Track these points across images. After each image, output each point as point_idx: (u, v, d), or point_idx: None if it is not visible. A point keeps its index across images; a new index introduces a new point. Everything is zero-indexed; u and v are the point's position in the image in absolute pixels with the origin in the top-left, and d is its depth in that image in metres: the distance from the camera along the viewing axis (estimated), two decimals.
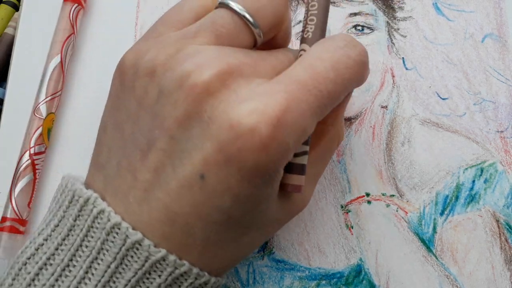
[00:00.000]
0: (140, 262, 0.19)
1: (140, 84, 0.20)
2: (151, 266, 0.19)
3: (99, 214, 0.20)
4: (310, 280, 0.28)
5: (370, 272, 0.28)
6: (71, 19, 0.32)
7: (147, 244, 0.19)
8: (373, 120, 0.31)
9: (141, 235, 0.19)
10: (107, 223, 0.19)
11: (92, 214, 0.20)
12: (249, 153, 0.18)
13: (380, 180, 0.30)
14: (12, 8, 0.36)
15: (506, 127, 0.31)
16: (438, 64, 0.32)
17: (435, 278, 0.28)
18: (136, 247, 0.19)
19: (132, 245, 0.19)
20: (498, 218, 0.29)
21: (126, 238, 0.19)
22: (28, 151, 0.29)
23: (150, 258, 0.19)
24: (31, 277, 0.20)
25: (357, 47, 0.21)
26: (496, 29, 0.33)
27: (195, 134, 0.19)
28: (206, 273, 0.20)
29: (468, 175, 0.30)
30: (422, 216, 0.29)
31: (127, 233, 0.19)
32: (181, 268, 0.19)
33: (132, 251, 0.19)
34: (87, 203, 0.20)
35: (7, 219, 0.28)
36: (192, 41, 0.20)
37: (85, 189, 0.21)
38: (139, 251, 0.19)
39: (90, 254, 0.19)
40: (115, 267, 0.19)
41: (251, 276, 0.28)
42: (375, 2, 0.33)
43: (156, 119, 0.19)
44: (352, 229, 0.29)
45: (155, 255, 0.19)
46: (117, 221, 0.19)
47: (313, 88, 0.20)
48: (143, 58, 0.20)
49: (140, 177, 0.20)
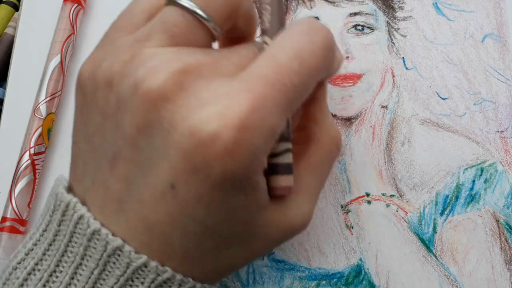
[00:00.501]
0: (122, 268, 0.19)
1: (101, 95, 0.19)
2: (133, 273, 0.19)
3: (80, 219, 0.19)
4: (310, 280, 0.28)
5: (370, 272, 0.28)
6: (71, 19, 0.32)
7: (127, 250, 0.18)
8: (373, 120, 0.31)
9: (121, 241, 0.19)
10: (87, 229, 0.19)
11: (73, 219, 0.19)
12: (214, 161, 0.17)
13: (380, 180, 0.30)
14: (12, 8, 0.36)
15: (506, 127, 0.31)
16: (438, 64, 0.32)
17: (435, 278, 0.28)
18: (118, 254, 0.19)
19: (113, 251, 0.19)
20: (498, 218, 0.29)
21: (107, 244, 0.19)
22: (28, 151, 0.29)
23: (131, 264, 0.19)
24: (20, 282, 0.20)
25: (320, 30, 0.20)
26: (496, 29, 0.33)
27: (158, 142, 0.18)
28: (191, 279, 0.20)
29: (468, 175, 0.30)
30: (422, 216, 0.29)
31: (107, 239, 0.19)
32: (163, 274, 0.19)
33: (114, 257, 0.19)
34: (68, 208, 0.20)
35: (7, 219, 0.28)
36: (146, 44, 0.19)
37: (66, 193, 0.20)
38: (120, 257, 0.19)
39: (74, 260, 0.19)
40: (98, 274, 0.19)
41: (251, 276, 0.28)
42: (375, 2, 0.33)
43: (118, 129, 0.19)
44: (352, 229, 0.29)
45: (136, 261, 0.18)
46: (96, 227, 0.19)
47: (277, 82, 0.18)
48: (100, 67, 0.19)
49: (112, 188, 0.19)
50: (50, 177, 0.30)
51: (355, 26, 0.33)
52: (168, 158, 0.18)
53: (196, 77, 0.18)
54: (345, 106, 0.31)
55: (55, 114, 0.31)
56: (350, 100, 0.31)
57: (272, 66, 0.18)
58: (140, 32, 0.20)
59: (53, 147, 0.31)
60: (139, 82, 0.18)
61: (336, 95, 0.31)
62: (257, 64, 0.19)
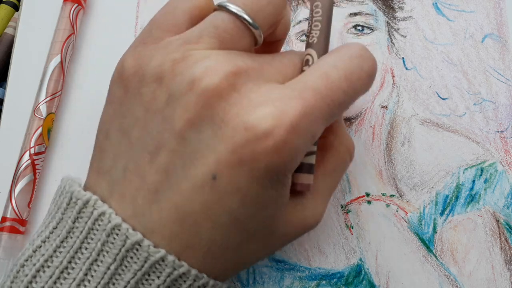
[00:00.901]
0: (139, 263, 0.19)
1: (148, 90, 0.20)
2: (150, 267, 0.19)
3: (100, 216, 0.20)
4: (310, 280, 0.28)
5: (370, 272, 0.28)
6: (71, 19, 0.32)
7: (146, 244, 0.19)
8: (373, 120, 0.31)
9: (141, 236, 0.19)
10: (108, 224, 0.19)
11: (92, 216, 0.20)
12: (263, 156, 0.19)
13: (380, 180, 0.30)
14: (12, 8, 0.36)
15: (506, 127, 0.31)
16: (438, 64, 0.32)
17: (435, 278, 0.28)
18: (136, 248, 0.19)
19: (132, 246, 0.19)
20: (498, 218, 0.29)
21: (126, 239, 0.19)
22: (28, 151, 0.29)
23: (149, 258, 0.19)
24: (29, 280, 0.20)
25: (370, 59, 0.22)
26: (496, 29, 0.33)
27: (207, 136, 0.19)
28: (205, 275, 0.20)
29: (468, 175, 0.30)
30: (422, 216, 0.29)
31: (127, 234, 0.19)
32: (179, 269, 0.19)
33: (132, 252, 0.19)
34: (87, 206, 0.20)
35: (7, 219, 0.28)
36: (197, 47, 0.20)
37: (83, 191, 0.21)
38: (138, 251, 0.19)
39: (90, 256, 0.19)
40: (115, 269, 0.19)
41: (251, 276, 0.28)
42: (375, 2, 0.33)
43: (165, 122, 0.20)
44: (352, 229, 0.29)
45: (154, 255, 0.19)
46: (117, 222, 0.19)
47: (327, 97, 0.20)
48: (148, 64, 0.20)
49: (149, 179, 0.20)
50: (50, 177, 0.30)
51: (355, 26, 0.33)
52: (214, 150, 0.19)
53: (245, 79, 0.20)
54: None
55: (55, 114, 0.31)
56: None
57: (325, 82, 0.20)
58: (189, 34, 0.21)
59: (53, 147, 0.31)
60: (195, 80, 0.19)
61: None
62: (311, 76, 0.21)
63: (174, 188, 0.19)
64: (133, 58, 0.21)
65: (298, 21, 0.33)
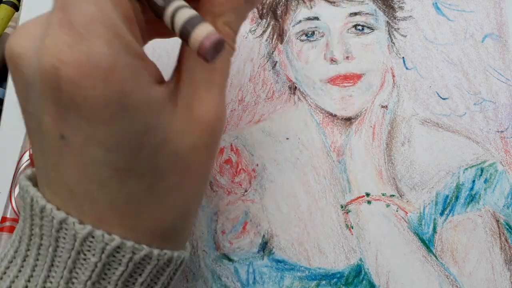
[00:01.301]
0: (70, 242, 0.18)
1: None
2: (81, 245, 0.18)
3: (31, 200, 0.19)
4: (310, 280, 0.28)
5: (370, 272, 0.28)
6: None
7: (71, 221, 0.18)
8: (373, 120, 0.31)
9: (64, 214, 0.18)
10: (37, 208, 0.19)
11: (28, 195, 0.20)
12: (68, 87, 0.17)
13: (380, 180, 0.30)
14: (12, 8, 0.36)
15: (506, 127, 0.31)
16: (438, 64, 0.32)
17: (435, 278, 0.28)
18: (64, 227, 0.18)
19: (59, 226, 0.18)
20: (498, 218, 0.29)
21: (53, 219, 0.19)
22: (28, 151, 0.29)
23: (77, 236, 0.18)
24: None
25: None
26: (496, 29, 0.33)
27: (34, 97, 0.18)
28: (145, 246, 0.19)
29: (468, 175, 0.30)
30: (422, 216, 0.29)
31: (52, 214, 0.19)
32: (111, 243, 0.18)
33: (62, 232, 0.19)
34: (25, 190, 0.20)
35: (7, 219, 0.28)
36: None
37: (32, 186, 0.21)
38: (68, 231, 0.18)
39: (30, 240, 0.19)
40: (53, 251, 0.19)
41: (251, 276, 0.28)
42: (375, 1, 0.33)
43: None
44: (352, 229, 0.29)
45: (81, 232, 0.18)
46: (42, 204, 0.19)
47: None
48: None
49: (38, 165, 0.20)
50: None
51: (355, 26, 0.33)
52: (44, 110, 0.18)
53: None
54: (345, 106, 0.31)
55: None
56: (350, 100, 0.31)
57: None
58: None
59: None
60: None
61: (336, 95, 0.31)
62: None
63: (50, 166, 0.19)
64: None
65: (298, 21, 0.33)
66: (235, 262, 0.28)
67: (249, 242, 0.29)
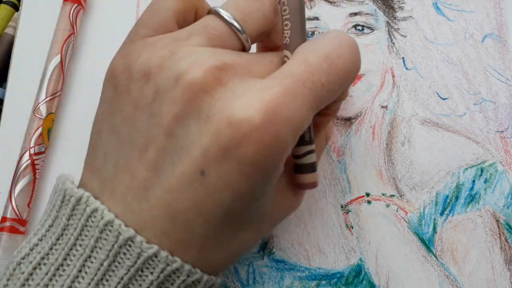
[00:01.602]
0: (132, 259, 0.19)
1: (135, 87, 0.20)
2: (143, 263, 0.19)
3: (93, 213, 0.20)
4: (310, 280, 0.28)
5: (370, 272, 0.28)
6: (71, 19, 0.32)
7: (139, 240, 0.19)
8: (373, 120, 0.31)
9: (133, 232, 0.19)
10: (100, 221, 0.19)
11: (85, 213, 0.20)
12: (247, 147, 0.18)
13: (380, 180, 0.30)
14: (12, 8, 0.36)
15: (506, 127, 0.31)
16: (438, 64, 0.32)
17: (435, 278, 0.28)
18: (129, 244, 0.19)
19: (124, 242, 0.19)
20: (498, 218, 0.29)
21: (119, 235, 0.19)
22: (28, 151, 0.29)
23: (142, 254, 0.19)
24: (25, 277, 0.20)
25: (347, 37, 0.22)
26: (496, 29, 0.33)
27: (193, 131, 0.19)
28: (199, 270, 0.20)
29: (468, 175, 0.30)
30: (422, 216, 0.29)
31: (119, 230, 0.19)
32: (173, 264, 0.19)
33: (125, 248, 0.19)
34: (80, 203, 0.20)
35: (7, 219, 0.28)
36: (186, 43, 0.21)
37: (76, 188, 0.21)
38: (131, 248, 0.19)
39: (83, 253, 0.19)
40: (108, 265, 0.19)
41: (251, 276, 0.28)
42: (375, 2, 0.33)
43: (153, 118, 0.20)
44: (352, 229, 0.29)
45: (147, 251, 0.19)
46: (110, 218, 0.19)
47: (307, 80, 0.20)
48: (136, 61, 0.21)
49: (139, 176, 0.20)
50: (50, 177, 0.30)
51: (355, 26, 0.33)
52: (200, 145, 0.19)
53: (232, 74, 0.20)
54: (345, 106, 0.31)
55: (55, 114, 0.31)
56: (350, 100, 0.31)
57: (304, 66, 0.20)
58: (179, 32, 0.21)
59: (53, 147, 0.31)
60: (181, 75, 0.19)
61: None
62: (289, 64, 0.20)
63: (163, 185, 0.19)
64: (122, 56, 0.22)
65: None
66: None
67: None
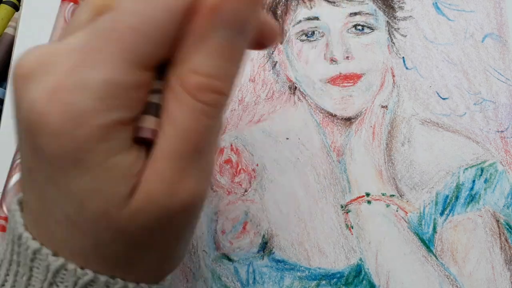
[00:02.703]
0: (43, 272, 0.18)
1: None
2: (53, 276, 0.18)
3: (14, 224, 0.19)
4: (310, 280, 0.28)
5: (370, 272, 0.28)
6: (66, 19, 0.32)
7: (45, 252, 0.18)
8: (373, 120, 0.31)
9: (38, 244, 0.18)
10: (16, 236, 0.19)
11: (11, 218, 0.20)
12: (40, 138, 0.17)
13: (380, 180, 0.30)
14: (12, 8, 0.36)
15: (506, 127, 0.31)
16: (438, 63, 0.32)
17: (435, 278, 0.28)
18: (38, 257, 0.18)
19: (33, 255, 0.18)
20: (498, 218, 0.29)
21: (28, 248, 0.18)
22: None
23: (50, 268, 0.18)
24: None
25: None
26: (496, 29, 0.33)
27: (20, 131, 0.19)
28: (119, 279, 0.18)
29: (468, 175, 0.30)
30: (422, 216, 0.29)
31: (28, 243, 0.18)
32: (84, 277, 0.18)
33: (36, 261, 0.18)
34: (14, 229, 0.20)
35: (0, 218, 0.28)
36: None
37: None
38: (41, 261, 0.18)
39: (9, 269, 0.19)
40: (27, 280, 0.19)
41: (251, 276, 0.28)
42: (375, 1, 0.33)
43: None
44: (352, 229, 0.29)
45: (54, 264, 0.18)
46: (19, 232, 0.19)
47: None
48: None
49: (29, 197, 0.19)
50: None
51: (355, 26, 0.33)
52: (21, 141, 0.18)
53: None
54: (345, 106, 0.31)
55: None
56: (350, 100, 0.31)
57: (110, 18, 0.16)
58: None
59: None
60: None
61: (336, 95, 0.31)
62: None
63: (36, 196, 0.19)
64: None
65: (298, 21, 0.33)
66: (235, 262, 0.28)
67: (249, 242, 0.29)
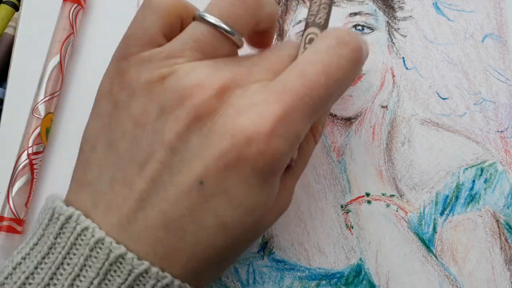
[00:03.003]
0: (123, 276, 0.19)
1: (138, 104, 0.21)
2: (134, 280, 0.19)
3: (83, 231, 0.19)
4: (310, 280, 0.28)
5: (370, 272, 0.28)
6: (70, 19, 0.32)
7: (130, 257, 0.19)
8: (373, 120, 0.31)
9: (124, 249, 0.19)
10: (91, 238, 0.19)
11: (75, 231, 0.19)
12: (248, 159, 0.19)
13: (380, 180, 0.30)
14: (12, 8, 0.36)
15: (506, 127, 0.31)
16: (438, 64, 0.32)
17: (435, 278, 0.28)
18: (120, 261, 0.19)
19: (115, 259, 0.19)
20: (498, 218, 0.29)
21: (110, 252, 0.19)
22: (26, 150, 0.29)
23: (133, 271, 0.19)
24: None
25: (349, 44, 0.21)
26: (496, 29, 0.33)
27: (194, 145, 0.20)
28: (187, 285, 0.20)
29: (468, 175, 0.30)
30: (422, 216, 0.29)
31: (110, 247, 0.19)
32: (163, 280, 0.19)
33: (116, 265, 0.19)
34: (69, 221, 0.20)
35: (5, 218, 0.28)
36: (181, 60, 0.21)
37: (66, 206, 0.20)
38: (122, 265, 0.19)
39: (72, 271, 0.19)
40: (98, 283, 0.19)
41: (251, 276, 0.28)
42: (375, 1, 0.33)
43: (156, 135, 0.20)
44: (352, 229, 0.29)
45: (138, 268, 0.19)
46: (100, 236, 0.19)
47: (305, 96, 0.20)
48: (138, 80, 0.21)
49: (136, 188, 0.20)
50: (48, 176, 0.30)
51: (355, 26, 0.33)
52: (202, 158, 0.19)
53: (234, 88, 0.20)
54: (345, 106, 0.31)
55: (53, 114, 0.31)
56: (350, 100, 0.31)
57: (302, 81, 0.20)
58: (171, 47, 0.21)
59: (52, 147, 0.31)
60: (186, 95, 0.20)
61: None
62: (289, 76, 0.21)
63: (160, 194, 0.19)
64: (119, 74, 0.22)
65: (298, 21, 0.33)
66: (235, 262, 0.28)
67: None
